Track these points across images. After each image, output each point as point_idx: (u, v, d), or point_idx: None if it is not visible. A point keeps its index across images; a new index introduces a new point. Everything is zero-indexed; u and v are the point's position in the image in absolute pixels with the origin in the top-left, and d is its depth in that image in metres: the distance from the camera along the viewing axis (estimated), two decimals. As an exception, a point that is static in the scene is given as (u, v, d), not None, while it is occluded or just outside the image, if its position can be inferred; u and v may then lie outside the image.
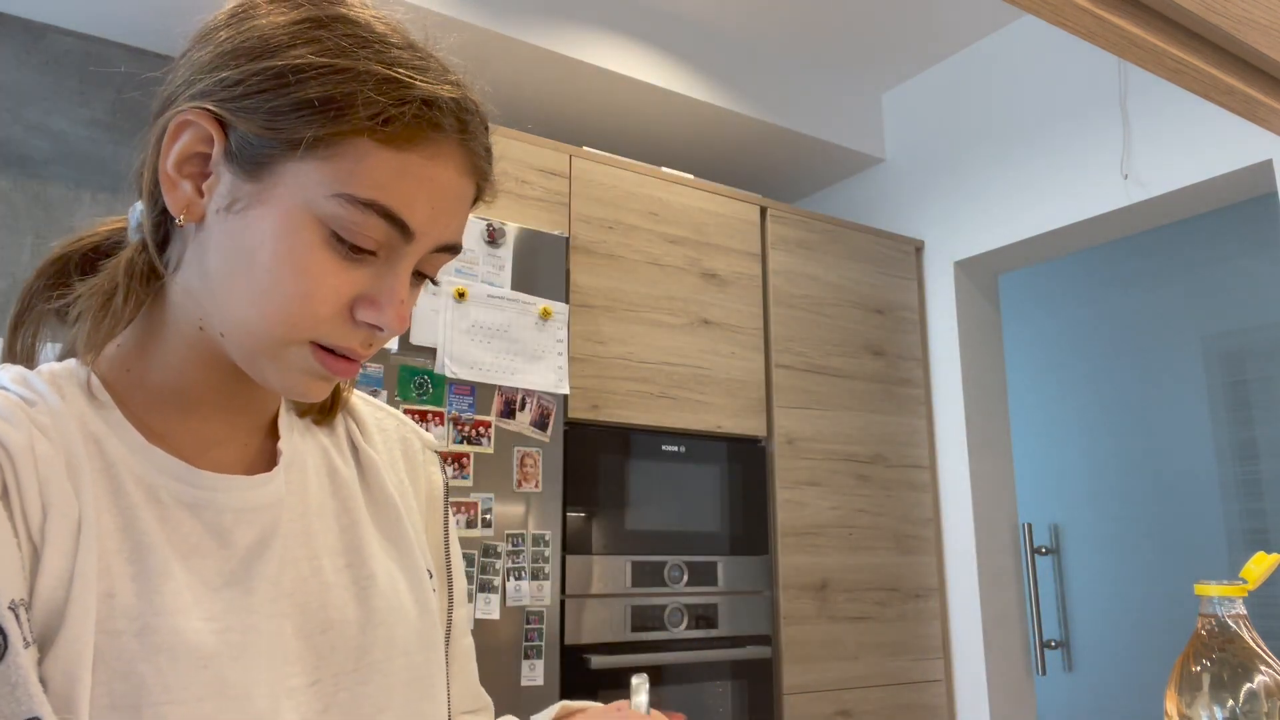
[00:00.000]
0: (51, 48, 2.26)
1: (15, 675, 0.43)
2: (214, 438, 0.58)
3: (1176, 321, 3.22)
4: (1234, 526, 3.00)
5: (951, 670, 2.62)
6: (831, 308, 2.62)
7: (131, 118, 2.33)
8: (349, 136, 0.51)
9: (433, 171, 0.54)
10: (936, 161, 2.87)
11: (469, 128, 0.55)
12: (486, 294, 1.96)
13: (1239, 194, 2.31)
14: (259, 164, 0.53)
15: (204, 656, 0.50)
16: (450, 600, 0.69)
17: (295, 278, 0.52)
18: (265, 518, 0.57)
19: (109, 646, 0.47)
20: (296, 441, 0.63)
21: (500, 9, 2.32)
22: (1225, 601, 0.71)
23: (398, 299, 0.54)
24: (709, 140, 2.87)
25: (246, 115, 0.52)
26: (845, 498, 2.51)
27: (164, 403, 0.56)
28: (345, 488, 0.64)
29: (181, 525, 0.53)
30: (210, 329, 0.55)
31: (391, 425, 0.71)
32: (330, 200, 0.52)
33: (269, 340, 0.53)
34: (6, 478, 0.46)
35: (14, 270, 2.15)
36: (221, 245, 0.54)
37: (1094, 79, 2.46)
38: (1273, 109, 0.92)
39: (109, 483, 0.52)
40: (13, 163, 2.18)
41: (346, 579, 0.60)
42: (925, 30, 2.73)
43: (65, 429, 0.50)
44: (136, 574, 0.50)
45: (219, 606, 0.52)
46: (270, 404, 0.62)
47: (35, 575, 0.46)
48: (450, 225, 0.56)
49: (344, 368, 0.55)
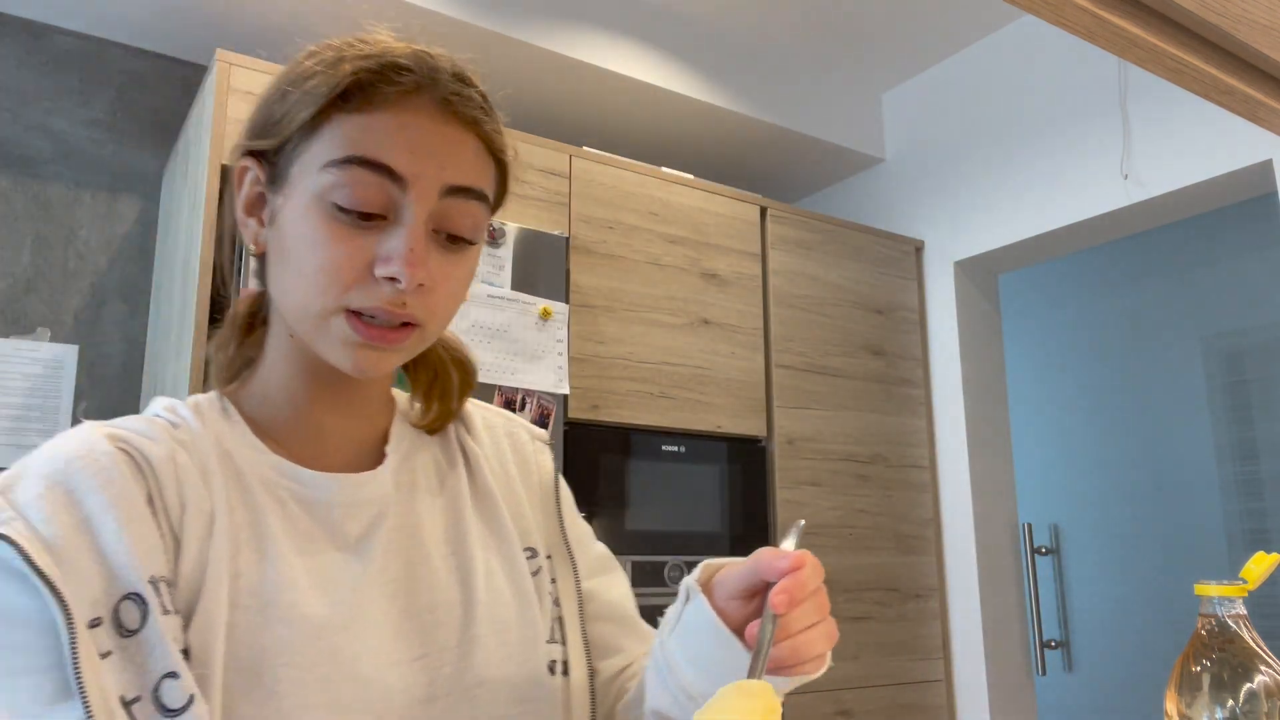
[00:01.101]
0: (51, 48, 2.26)
1: (155, 638, 0.52)
2: (327, 444, 0.67)
3: (1176, 321, 3.22)
4: (1234, 526, 3.00)
5: (951, 670, 2.62)
6: (831, 308, 2.62)
7: (131, 118, 2.33)
8: (322, 120, 0.59)
9: (403, 120, 0.59)
10: (936, 161, 2.87)
11: (436, 78, 0.61)
12: (486, 294, 1.96)
13: (1239, 194, 2.31)
14: (278, 177, 0.62)
15: (316, 628, 0.58)
16: (575, 573, 0.74)
17: (315, 253, 0.59)
18: (371, 511, 0.66)
19: (237, 619, 0.57)
20: (406, 447, 0.71)
21: (500, 9, 2.32)
22: (1225, 601, 0.71)
23: (406, 248, 0.58)
24: (709, 140, 2.87)
25: (260, 140, 0.63)
26: (845, 498, 2.51)
27: (280, 414, 0.66)
28: (452, 485, 0.72)
29: (298, 519, 0.63)
30: (294, 330, 0.64)
31: (499, 422, 0.79)
32: (321, 174, 0.59)
33: (312, 316, 0.60)
34: (150, 484, 0.57)
35: (14, 270, 2.15)
36: (273, 255, 0.63)
37: (1094, 79, 2.46)
38: (1273, 109, 0.92)
39: (237, 485, 0.62)
40: (13, 163, 2.18)
41: (450, 565, 0.67)
42: (925, 30, 2.73)
43: (201, 443, 0.61)
44: (260, 559, 0.59)
45: (330, 587, 0.61)
46: (378, 410, 0.71)
47: (177, 560, 0.56)
48: (444, 166, 0.60)
49: (378, 334, 0.60)
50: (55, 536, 0.52)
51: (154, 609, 0.53)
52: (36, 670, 0.50)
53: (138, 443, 0.58)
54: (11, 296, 2.14)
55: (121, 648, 0.51)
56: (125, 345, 2.25)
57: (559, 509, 0.77)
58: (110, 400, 2.20)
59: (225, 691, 0.55)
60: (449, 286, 0.63)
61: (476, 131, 0.63)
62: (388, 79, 0.60)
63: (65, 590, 0.50)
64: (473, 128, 0.63)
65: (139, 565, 0.53)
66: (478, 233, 0.64)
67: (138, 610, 0.52)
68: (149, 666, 0.52)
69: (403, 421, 0.73)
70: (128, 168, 2.31)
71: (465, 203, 0.62)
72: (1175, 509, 3.13)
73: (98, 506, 0.54)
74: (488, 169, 0.65)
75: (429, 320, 0.62)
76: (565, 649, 0.70)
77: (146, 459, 0.58)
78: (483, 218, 0.64)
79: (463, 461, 0.74)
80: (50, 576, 0.50)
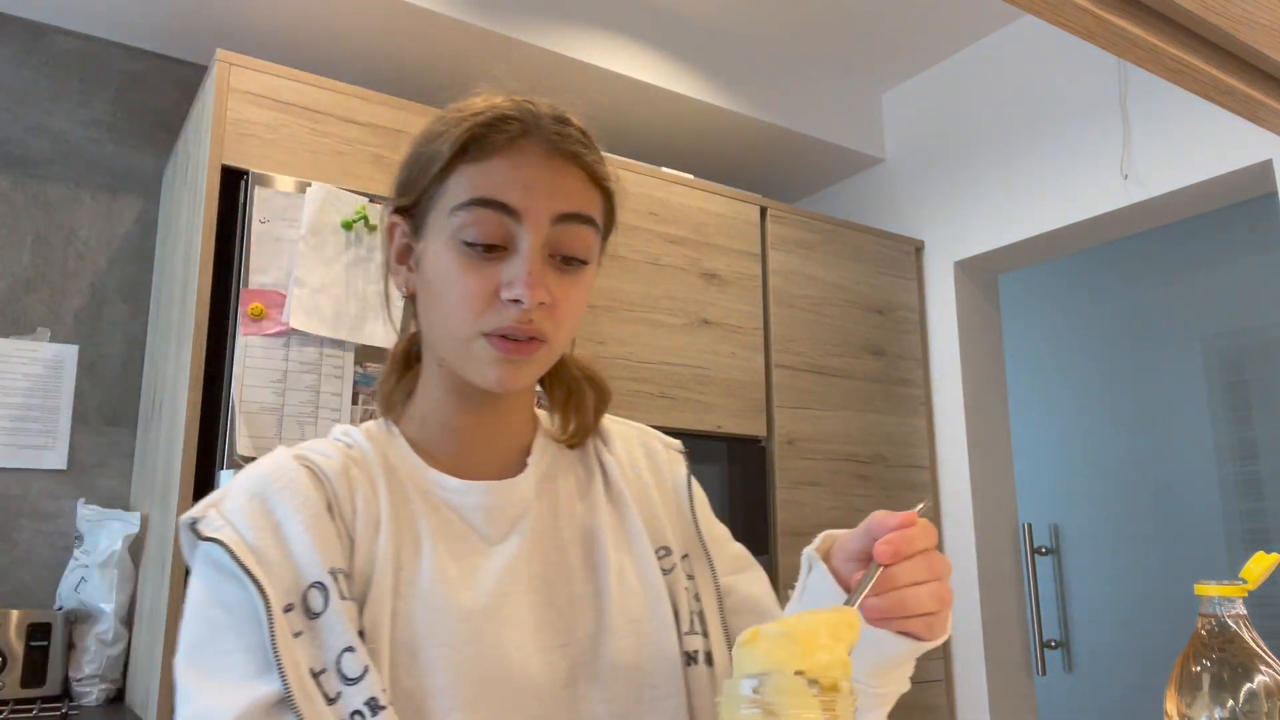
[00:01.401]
0: (51, 48, 2.26)
1: (334, 619, 0.62)
2: (476, 457, 0.77)
3: (1176, 321, 3.22)
4: (1234, 526, 3.00)
5: (951, 670, 2.62)
6: (831, 308, 2.62)
7: (131, 118, 2.33)
8: (448, 172, 0.71)
9: (514, 161, 0.70)
10: (936, 161, 2.87)
11: (539, 123, 0.72)
12: (486, 294, 1.96)
13: (1239, 194, 2.31)
14: (418, 227, 0.74)
15: (465, 614, 0.68)
16: (712, 570, 0.81)
17: (451, 286, 0.70)
18: (513, 514, 0.75)
19: (399, 606, 0.67)
20: (548, 459, 0.81)
21: (500, 9, 2.32)
22: (1225, 601, 0.71)
23: (525, 272, 0.68)
24: (709, 140, 2.87)
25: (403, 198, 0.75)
26: (845, 498, 2.51)
27: (435, 433, 0.77)
28: (589, 492, 0.81)
29: (450, 521, 0.73)
30: (442, 360, 0.74)
31: (634, 434, 0.88)
32: (451, 217, 0.70)
33: (457, 342, 0.71)
34: (329, 493, 0.69)
35: (14, 270, 2.15)
36: (420, 295, 0.75)
37: (1094, 79, 2.46)
38: (1273, 109, 0.92)
39: (400, 494, 0.73)
40: (13, 163, 2.18)
41: (586, 564, 0.76)
42: (925, 30, 2.73)
43: (370, 460, 0.73)
44: (417, 556, 0.70)
45: (476, 579, 0.71)
46: (520, 426, 0.80)
47: (352, 557, 0.68)
48: (552, 197, 0.70)
49: (512, 349, 0.70)
50: (255, 539, 0.64)
51: (333, 595, 0.63)
52: (244, 649, 0.61)
53: (318, 460, 0.71)
54: (11, 296, 2.14)
55: (310, 628, 0.62)
56: (125, 345, 2.25)
57: (693, 511, 0.84)
58: (110, 400, 2.20)
59: (391, 667, 0.64)
60: (568, 303, 0.72)
61: (579, 164, 0.73)
62: (498, 129, 0.70)
63: (265, 583, 0.62)
64: (575, 161, 0.73)
65: (321, 559, 0.65)
66: (589, 253, 0.73)
67: (321, 597, 0.63)
68: (330, 643, 0.62)
69: (545, 437, 0.82)
70: (128, 168, 2.31)
71: (574, 227, 0.71)
72: (1175, 509, 3.13)
73: (287, 513, 0.66)
74: (593, 196, 0.74)
75: (554, 333, 0.71)
76: (708, 640, 0.76)
77: (325, 473, 0.70)
78: (592, 239, 0.73)
79: (600, 471, 0.83)
80: (253, 572, 0.62)
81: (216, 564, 0.64)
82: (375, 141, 1.96)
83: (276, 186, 1.78)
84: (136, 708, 1.82)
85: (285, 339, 1.72)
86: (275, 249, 1.75)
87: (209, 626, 0.63)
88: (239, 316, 1.70)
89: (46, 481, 2.10)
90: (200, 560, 0.65)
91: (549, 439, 0.83)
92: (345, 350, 1.78)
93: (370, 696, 0.61)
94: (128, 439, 2.21)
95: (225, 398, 1.68)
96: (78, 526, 2.04)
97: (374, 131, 1.96)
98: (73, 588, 1.96)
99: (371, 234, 1.85)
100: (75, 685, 1.90)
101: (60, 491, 2.11)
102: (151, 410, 2.06)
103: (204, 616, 0.63)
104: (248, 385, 1.67)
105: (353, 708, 0.60)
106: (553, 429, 0.84)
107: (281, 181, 1.79)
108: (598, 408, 0.84)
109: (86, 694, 1.89)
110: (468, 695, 0.65)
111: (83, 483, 2.14)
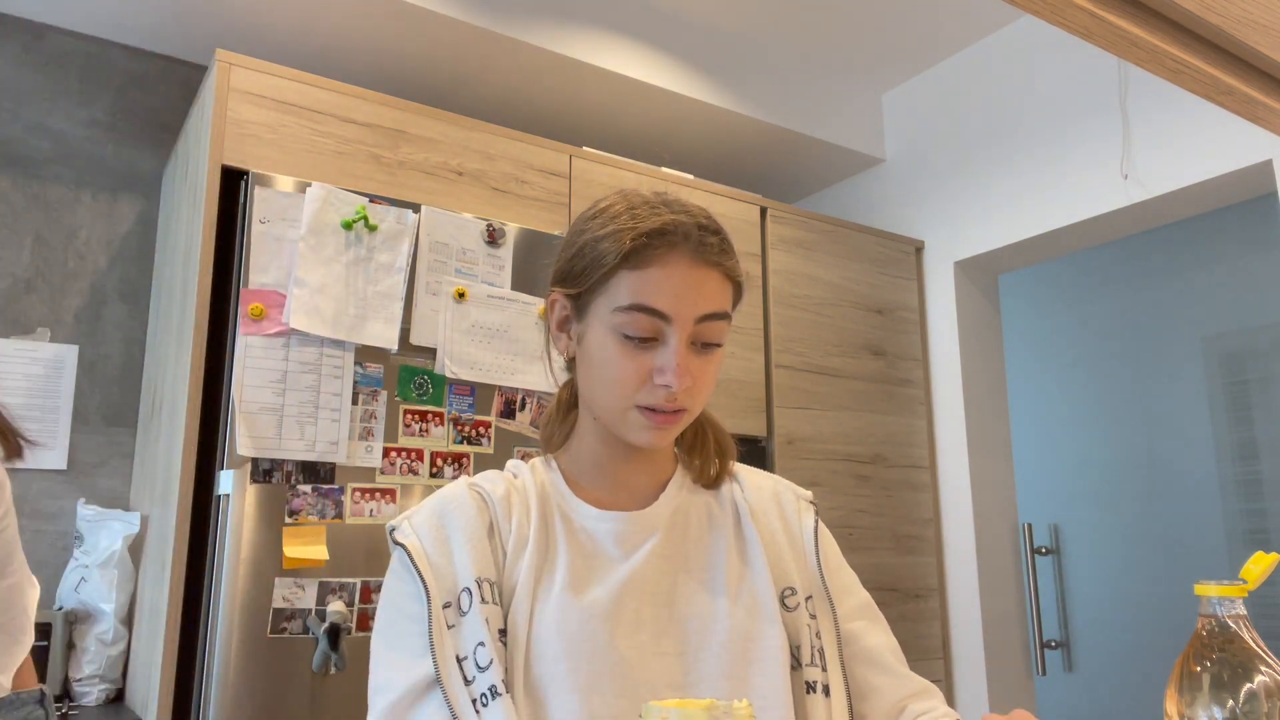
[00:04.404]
0: (51, 48, 2.26)
1: (475, 618, 0.79)
2: (620, 491, 0.92)
3: (1176, 321, 3.22)
4: (1234, 526, 3.00)
5: (951, 670, 2.62)
6: (831, 308, 2.62)
7: (131, 118, 2.33)
8: (611, 274, 0.84)
9: (668, 272, 0.83)
10: (936, 161, 2.87)
11: (689, 236, 0.84)
12: (486, 294, 1.96)
13: (1239, 194, 2.31)
14: (581, 310, 0.88)
15: (593, 619, 0.81)
16: (834, 614, 0.91)
17: (610, 369, 0.84)
18: (642, 537, 0.89)
19: (535, 606, 0.82)
20: (684, 494, 0.95)
21: (500, 9, 2.32)
22: (1225, 601, 0.71)
23: (674, 364, 0.82)
24: (709, 140, 2.87)
25: (567, 286, 0.89)
26: (845, 498, 2.51)
27: (586, 469, 0.93)
28: (718, 526, 0.93)
29: (586, 543, 0.88)
30: (597, 416, 0.89)
31: (768, 484, 1.00)
32: (612, 315, 0.84)
33: (614, 411, 0.86)
34: (492, 515, 0.87)
35: (14, 270, 2.15)
36: (580, 363, 0.90)
37: (1094, 79, 2.46)
38: (1273, 109, 0.92)
39: (548, 518, 0.89)
40: (13, 163, 2.18)
41: (708, 586, 0.89)
42: (925, 30, 2.73)
43: (528, 489, 0.90)
44: (556, 570, 0.84)
45: (605, 591, 0.84)
46: (660, 466, 0.95)
47: (504, 569, 0.84)
48: (698, 302, 0.83)
49: (660, 420, 0.85)
50: (431, 548, 0.83)
51: (476, 599, 0.79)
52: (416, 634, 0.79)
53: (487, 488, 0.89)
54: (11, 296, 2.14)
55: (459, 623, 0.79)
56: (125, 345, 2.25)
57: (818, 558, 0.94)
58: (110, 400, 2.20)
59: (526, 656, 0.79)
60: (704, 378, 0.86)
61: (719, 269, 0.85)
62: (654, 243, 0.83)
63: (430, 583, 0.80)
64: (717, 267, 0.85)
65: (473, 569, 0.81)
66: (722, 338, 0.87)
67: (469, 599, 0.80)
68: (471, 636, 0.78)
69: (684, 474, 0.97)
70: (128, 168, 2.31)
71: (713, 323, 0.85)
72: (1175, 509, 3.13)
73: (455, 529, 0.84)
74: (728, 292, 0.87)
75: (694, 405, 0.86)
76: (826, 674, 0.87)
77: (491, 498, 0.88)
78: (726, 328, 0.87)
79: (732, 510, 0.95)
80: (424, 574, 0.80)
81: (403, 563, 0.83)
82: (375, 141, 1.96)
83: (276, 186, 1.78)
84: (136, 708, 1.82)
85: (285, 339, 1.72)
86: (275, 249, 1.75)
87: (395, 611, 0.82)
88: (239, 316, 1.69)
89: (46, 481, 2.10)
90: (395, 558, 0.84)
91: (688, 478, 0.97)
92: (345, 350, 1.78)
93: (491, 684, 0.76)
94: (128, 439, 2.21)
95: (225, 398, 1.68)
96: (78, 526, 2.04)
97: (374, 131, 1.96)
98: (73, 588, 1.96)
99: (371, 234, 1.85)
100: (75, 685, 1.90)
101: (60, 491, 2.11)
102: (151, 410, 2.06)
103: (393, 603, 0.82)
104: (248, 385, 1.67)
105: (481, 690, 0.76)
106: (691, 470, 0.97)
107: (281, 181, 1.79)
108: (719, 451, 0.98)
109: (86, 694, 1.89)
110: (583, 682, 0.78)
111: (83, 483, 2.14)
